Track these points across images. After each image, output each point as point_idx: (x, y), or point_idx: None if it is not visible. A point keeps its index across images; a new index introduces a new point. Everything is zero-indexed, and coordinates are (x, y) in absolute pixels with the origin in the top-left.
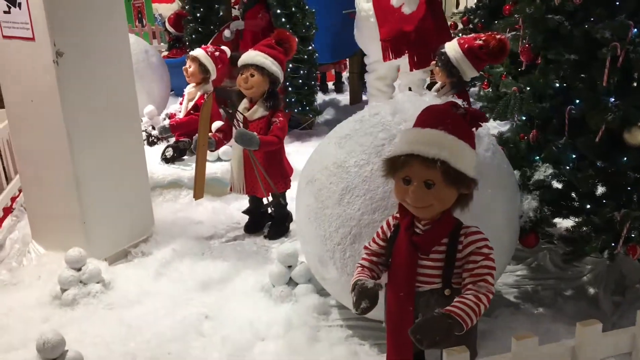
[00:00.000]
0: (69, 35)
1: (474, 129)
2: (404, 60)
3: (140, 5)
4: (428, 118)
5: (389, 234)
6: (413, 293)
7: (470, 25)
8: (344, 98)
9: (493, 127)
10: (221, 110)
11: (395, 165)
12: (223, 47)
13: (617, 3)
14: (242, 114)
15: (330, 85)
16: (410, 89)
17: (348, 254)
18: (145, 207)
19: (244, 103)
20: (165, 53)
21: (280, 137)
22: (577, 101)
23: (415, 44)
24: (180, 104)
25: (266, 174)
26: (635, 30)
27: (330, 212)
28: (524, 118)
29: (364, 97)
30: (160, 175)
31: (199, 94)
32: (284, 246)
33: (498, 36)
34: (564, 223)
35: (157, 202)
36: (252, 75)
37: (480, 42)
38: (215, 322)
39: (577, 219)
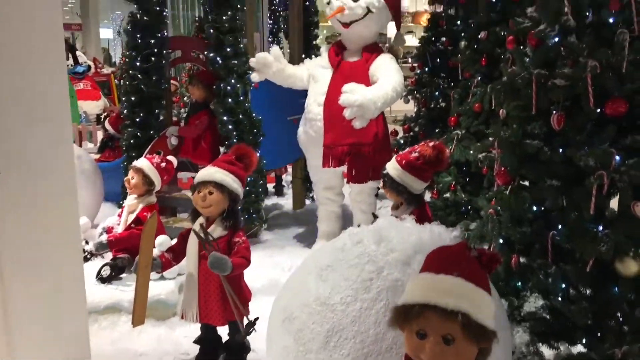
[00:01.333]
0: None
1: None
2: None
3: None
4: (441, 262)
5: None
6: None
7: (411, 133)
8: (287, 202)
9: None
10: (193, 233)
11: (408, 316)
12: (169, 157)
13: (597, 129)
14: (212, 237)
15: (270, 188)
16: (375, 216)
17: None
18: (82, 342)
19: (200, 222)
20: (96, 156)
21: (249, 259)
22: (560, 227)
23: (357, 158)
24: (119, 215)
25: (237, 299)
26: (618, 157)
27: (314, 357)
28: (501, 241)
29: (307, 202)
30: (95, 298)
31: (140, 206)
32: None
33: (431, 144)
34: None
35: (93, 331)
36: (211, 193)
37: (416, 154)
38: None
39: (572, 355)
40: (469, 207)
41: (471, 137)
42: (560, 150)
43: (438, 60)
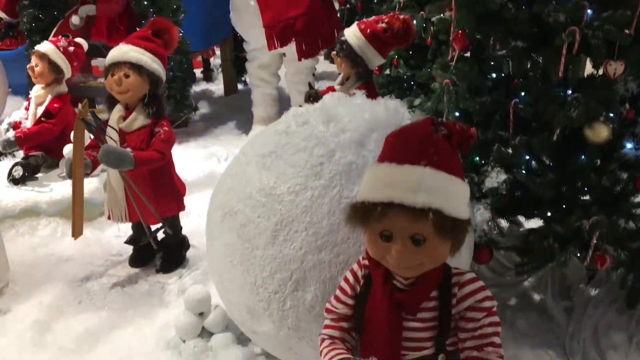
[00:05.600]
0: None
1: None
2: (289, 48)
3: None
4: (404, 148)
5: (357, 288)
6: None
7: (348, 5)
8: (217, 88)
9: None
10: (79, 120)
11: (369, 216)
12: (78, 40)
13: None
14: (110, 126)
15: (198, 73)
16: (311, 86)
17: (289, 304)
18: None
19: (118, 110)
20: None
21: (163, 153)
22: (523, 94)
23: (303, 32)
24: (26, 109)
25: (145, 199)
26: (590, 12)
27: (262, 253)
28: (457, 114)
29: (240, 87)
30: (9, 202)
31: (49, 97)
32: (193, 290)
33: (401, 17)
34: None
35: (9, 238)
36: (127, 76)
37: (384, 24)
38: None
39: (535, 227)
40: (412, 83)
41: (414, 5)
42: (526, 6)
43: None
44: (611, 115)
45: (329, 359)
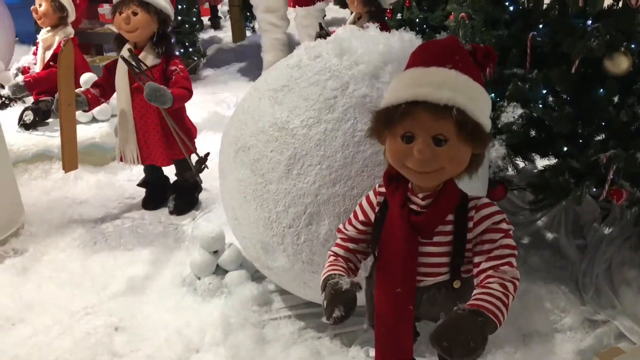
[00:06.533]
0: None
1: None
2: None
3: None
4: (431, 54)
5: (372, 215)
6: (414, 289)
7: None
8: (225, 35)
9: None
10: (121, 60)
11: (392, 118)
12: None
13: None
14: (145, 65)
15: (206, 20)
16: (322, 27)
17: (303, 238)
18: (10, 191)
19: (126, 50)
20: None
21: (190, 90)
22: (541, 27)
23: None
24: (34, 54)
25: (183, 134)
26: None
27: (276, 187)
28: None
29: (248, 34)
30: (22, 146)
31: (57, 39)
32: (207, 228)
33: None
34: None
35: (23, 182)
36: (135, 14)
37: None
38: (130, 336)
39: (551, 163)
40: (425, 26)
41: None
42: None
43: None
44: (632, 46)
45: (323, 273)
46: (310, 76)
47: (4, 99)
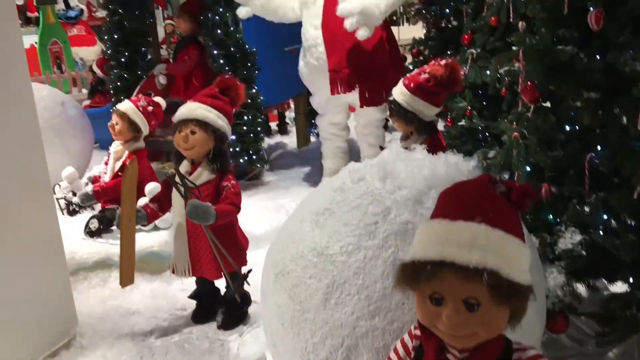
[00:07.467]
0: None
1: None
2: (354, 97)
3: (59, 50)
4: (459, 204)
5: None
6: None
7: (421, 57)
8: (291, 141)
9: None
10: (168, 180)
11: (418, 276)
12: (157, 99)
13: None
14: (192, 183)
15: (274, 126)
16: (383, 149)
17: None
18: (65, 301)
19: (184, 166)
20: (87, 102)
21: (238, 206)
22: (599, 148)
23: (368, 77)
24: (106, 163)
25: (226, 252)
26: None
27: (313, 316)
28: (528, 169)
29: (312, 139)
30: (84, 254)
31: (127, 152)
32: (251, 351)
33: (443, 62)
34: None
35: (81, 290)
36: (193, 133)
37: (426, 75)
38: None
39: (616, 294)
40: (487, 134)
41: (487, 55)
42: (599, 56)
43: None
44: None
45: None
46: (352, 200)
47: (74, 206)
